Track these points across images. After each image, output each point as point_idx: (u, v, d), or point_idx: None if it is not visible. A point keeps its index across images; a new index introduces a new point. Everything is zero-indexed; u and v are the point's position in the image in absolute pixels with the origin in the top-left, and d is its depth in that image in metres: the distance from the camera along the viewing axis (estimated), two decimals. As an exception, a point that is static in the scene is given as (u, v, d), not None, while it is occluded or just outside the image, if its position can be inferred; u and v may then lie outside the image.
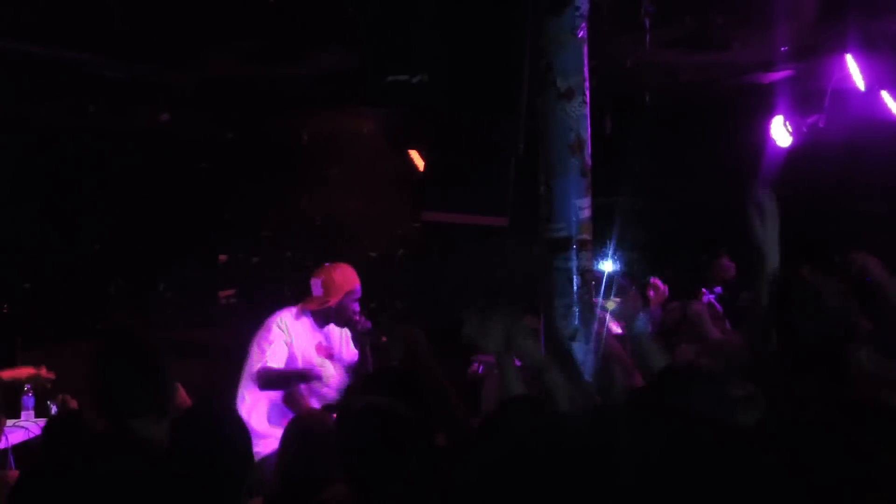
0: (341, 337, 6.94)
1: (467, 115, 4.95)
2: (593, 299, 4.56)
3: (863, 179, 8.22)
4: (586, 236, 4.46)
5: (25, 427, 7.66)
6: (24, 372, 7.38)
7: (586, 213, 4.46)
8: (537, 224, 4.88)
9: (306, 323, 6.82)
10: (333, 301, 6.79)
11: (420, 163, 9.01)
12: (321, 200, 9.48)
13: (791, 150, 8.36)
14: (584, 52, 4.49)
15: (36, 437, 7.59)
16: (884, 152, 7.86)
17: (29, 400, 7.92)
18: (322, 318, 6.82)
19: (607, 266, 7.39)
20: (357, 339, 6.88)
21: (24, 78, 7.41)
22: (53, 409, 7.08)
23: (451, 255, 9.43)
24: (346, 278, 6.86)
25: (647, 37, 6.89)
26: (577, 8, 4.46)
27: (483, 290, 9.21)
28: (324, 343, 6.88)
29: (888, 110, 7.41)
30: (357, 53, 5.15)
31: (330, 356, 6.88)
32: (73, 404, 4.97)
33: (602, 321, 5.40)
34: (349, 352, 6.93)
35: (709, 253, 8.69)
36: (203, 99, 8.09)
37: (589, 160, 4.48)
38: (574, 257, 4.42)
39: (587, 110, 4.48)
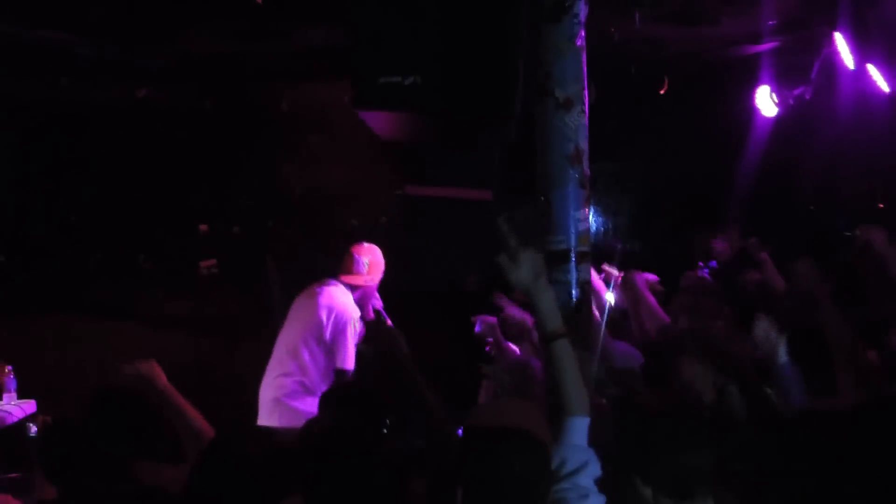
0: None
1: (459, 116, 4.88)
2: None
3: (848, 152, 8.17)
4: (585, 248, 4.40)
5: (8, 411, 7.57)
6: None
7: (585, 225, 4.40)
8: (522, 197, 4.83)
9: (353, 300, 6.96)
10: (377, 280, 6.99)
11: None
12: (302, 169, 9.36)
13: (777, 121, 8.30)
14: (582, 61, 4.39)
15: (18, 423, 7.51)
16: (870, 125, 7.81)
17: (11, 382, 7.80)
18: (359, 298, 6.94)
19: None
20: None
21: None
22: (33, 430, 6.96)
23: (434, 224, 9.35)
24: (382, 263, 7.07)
25: (637, 14, 6.81)
26: (576, 15, 4.37)
27: (466, 258, 9.18)
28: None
29: (876, 84, 7.34)
30: (340, 30, 5.06)
31: None
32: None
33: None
34: None
35: (693, 225, 8.68)
36: (183, 73, 7.94)
37: (588, 170, 4.41)
38: (574, 269, 4.36)
39: (586, 120, 4.39)
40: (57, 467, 3.91)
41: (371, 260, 6.99)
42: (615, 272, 6.42)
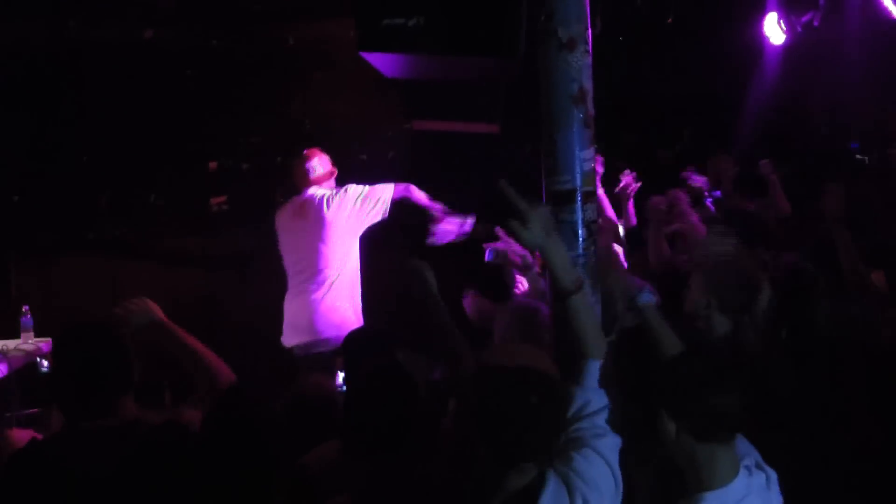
0: None
1: (463, 57, 4.89)
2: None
3: (859, 76, 8.13)
4: (591, 188, 4.41)
5: (25, 350, 7.67)
6: None
7: (590, 165, 4.40)
8: (528, 131, 4.84)
9: None
10: (332, 176, 7.37)
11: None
12: (309, 104, 9.36)
13: (786, 48, 8.25)
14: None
15: (33, 361, 7.62)
16: (880, 50, 7.77)
17: (28, 322, 7.89)
18: None
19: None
20: None
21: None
22: (45, 367, 7.06)
23: (442, 158, 9.36)
24: (327, 160, 7.44)
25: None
26: (578, -47, 4.33)
27: (476, 191, 9.18)
28: None
29: (886, 10, 7.29)
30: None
31: None
32: None
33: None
34: None
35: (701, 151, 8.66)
36: (186, 12, 7.93)
37: (592, 110, 4.40)
38: (579, 209, 4.38)
39: (590, 60, 4.38)
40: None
41: (318, 160, 7.34)
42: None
